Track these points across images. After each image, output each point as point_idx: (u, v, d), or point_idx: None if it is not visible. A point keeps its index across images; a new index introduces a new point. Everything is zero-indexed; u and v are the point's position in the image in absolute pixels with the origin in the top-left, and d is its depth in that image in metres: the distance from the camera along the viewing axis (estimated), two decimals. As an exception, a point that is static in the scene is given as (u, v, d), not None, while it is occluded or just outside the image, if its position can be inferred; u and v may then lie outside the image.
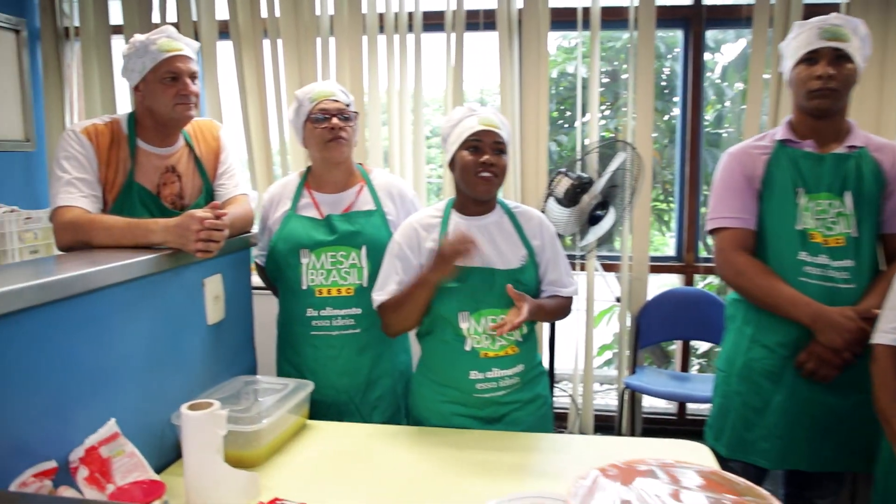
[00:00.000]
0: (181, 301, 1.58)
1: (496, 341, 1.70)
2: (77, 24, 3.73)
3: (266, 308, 2.12)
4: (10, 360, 1.10)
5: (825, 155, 1.77)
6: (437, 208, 1.81)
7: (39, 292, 1.13)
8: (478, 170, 1.68)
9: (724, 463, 1.74)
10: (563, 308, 1.82)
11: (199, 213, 1.53)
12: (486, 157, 1.67)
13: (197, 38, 3.61)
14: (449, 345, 1.71)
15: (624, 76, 5.71)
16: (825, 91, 1.71)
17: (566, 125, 5.84)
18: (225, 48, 3.63)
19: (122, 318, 1.37)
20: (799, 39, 1.77)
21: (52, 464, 1.14)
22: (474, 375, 1.70)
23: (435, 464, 1.53)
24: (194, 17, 3.59)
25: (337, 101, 1.91)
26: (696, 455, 1.56)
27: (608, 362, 5.13)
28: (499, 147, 1.69)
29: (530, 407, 1.78)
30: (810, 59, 1.74)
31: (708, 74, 3.55)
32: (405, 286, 1.71)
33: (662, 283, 3.94)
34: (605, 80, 5.28)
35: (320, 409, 1.91)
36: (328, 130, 1.88)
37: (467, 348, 1.69)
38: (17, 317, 1.10)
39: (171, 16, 3.63)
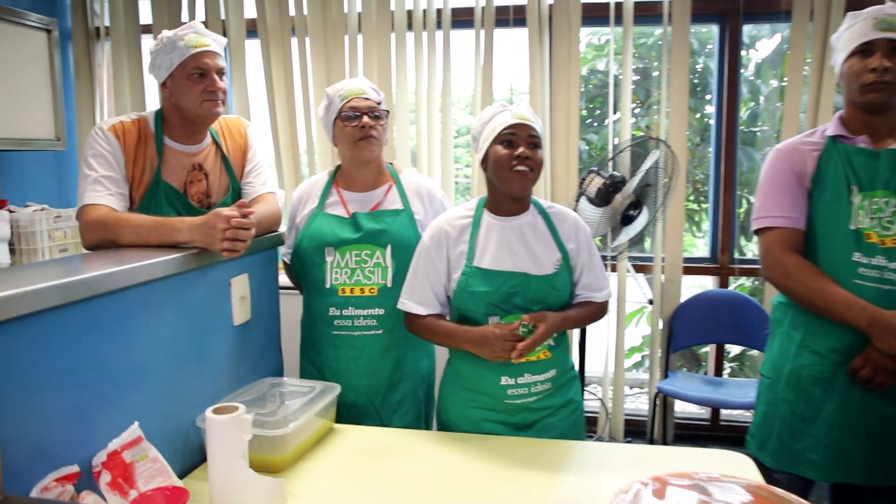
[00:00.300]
0: (207, 301, 1.54)
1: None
2: (107, 23, 3.75)
3: (293, 308, 2.09)
4: (32, 361, 1.07)
5: (880, 151, 1.67)
6: (469, 207, 1.76)
7: (62, 292, 1.11)
8: (513, 163, 1.62)
9: (769, 474, 1.66)
10: (595, 314, 1.76)
11: (226, 211, 1.49)
12: (521, 150, 1.61)
13: (225, 36, 3.60)
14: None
15: (655, 73, 5.62)
16: (880, 84, 1.62)
17: (595, 124, 5.74)
18: (253, 47, 3.62)
19: (147, 319, 1.34)
20: (852, 31, 1.68)
21: (75, 468, 1.11)
22: (505, 381, 1.64)
23: (465, 471, 1.48)
24: (223, 16, 3.58)
25: (368, 98, 1.87)
26: (739, 466, 1.49)
27: (637, 365, 5.03)
28: (534, 141, 1.63)
29: (562, 413, 1.72)
30: (864, 50, 1.65)
31: (741, 71, 3.43)
32: (444, 328, 1.69)
33: (689, 285, 3.83)
34: (636, 78, 5.18)
35: (340, 410, 1.86)
36: (358, 129, 1.85)
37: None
38: (39, 317, 1.07)
39: (200, 14, 3.63)
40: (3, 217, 2.65)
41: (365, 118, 1.85)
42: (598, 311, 1.76)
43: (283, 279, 2.06)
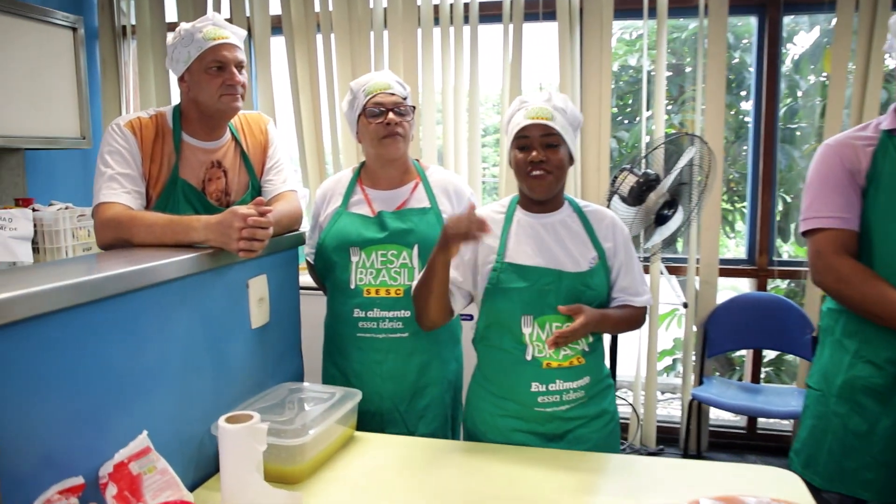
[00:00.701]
0: (223, 303, 1.48)
1: (560, 350, 1.56)
2: (133, 21, 3.74)
3: (316, 309, 2.02)
4: (36, 366, 1.01)
5: None
6: (502, 204, 1.69)
7: (67, 294, 1.05)
8: (529, 169, 1.55)
9: (818, 495, 1.54)
10: (633, 320, 1.66)
11: (243, 209, 1.43)
12: (533, 155, 1.53)
13: (250, 34, 3.57)
14: (508, 353, 1.58)
15: (688, 69, 5.47)
16: None
17: (626, 121, 5.61)
18: (278, 44, 3.58)
19: (159, 322, 1.27)
20: None
21: (80, 480, 1.05)
22: (536, 387, 1.56)
23: (491, 484, 1.39)
24: (248, 13, 3.54)
25: (393, 94, 1.80)
26: (786, 485, 1.39)
27: (668, 369, 4.89)
28: (549, 140, 1.54)
29: (596, 423, 1.63)
30: None
31: (780, 65, 3.29)
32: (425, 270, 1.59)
33: (720, 287, 3.68)
34: (668, 74, 5.04)
35: (363, 416, 1.80)
36: (383, 126, 1.78)
37: (528, 357, 1.55)
38: (43, 320, 1.02)
39: (225, 12, 3.60)
40: (27, 215, 2.63)
41: (390, 115, 1.78)
42: (637, 317, 1.67)
43: (305, 279, 2.00)
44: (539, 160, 1.53)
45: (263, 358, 1.63)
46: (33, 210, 2.79)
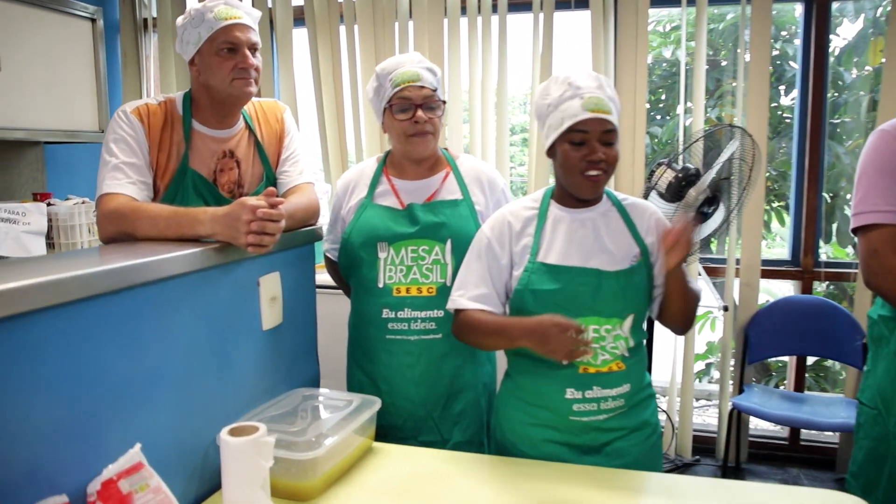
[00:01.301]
0: (231, 302, 1.36)
1: (598, 355, 1.42)
2: (155, 14, 3.67)
3: (335, 309, 1.90)
4: (18, 371, 0.91)
5: None
6: (534, 198, 1.55)
7: (53, 291, 0.94)
8: (585, 168, 1.39)
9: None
10: (696, 303, 1.52)
11: (252, 200, 1.31)
12: (594, 154, 1.38)
13: (272, 25, 3.48)
14: (542, 358, 1.43)
15: (724, 62, 5.27)
16: None
17: (658, 116, 5.42)
18: (300, 35, 3.48)
19: (160, 322, 1.16)
20: None
21: (64, 498, 0.94)
22: (571, 394, 1.42)
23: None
24: (269, 4, 3.45)
25: (423, 86, 1.64)
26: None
27: (701, 374, 4.71)
28: (609, 137, 1.40)
29: (637, 436, 1.48)
30: None
31: (828, 55, 3.10)
32: (492, 321, 1.46)
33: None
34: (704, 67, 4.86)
35: (395, 422, 1.69)
36: (411, 124, 1.65)
37: (564, 362, 1.42)
38: (27, 319, 0.91)
39: (247, 3, 3.50)
40: (41, 210, 2.55)
41: (419, 112, 1.64)
42: (698, 299, 1.52)
43: (323, 278, 1.89)
44: (600, 159, 1.38)
45: (275, 362, 1.52)
46: (49, 204, 2.71)
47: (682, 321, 1.52)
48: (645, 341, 1.52)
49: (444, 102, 1.71)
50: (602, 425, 1.45)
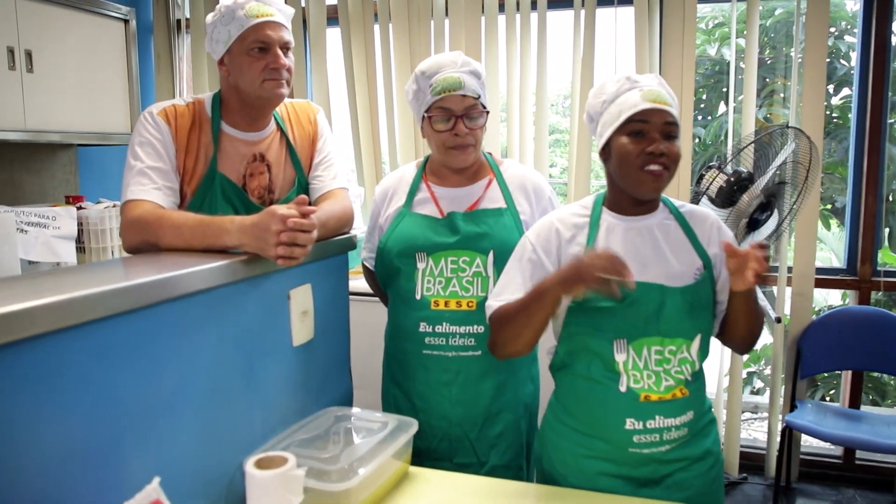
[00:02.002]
0: (259, 318, 1.27)
1: (661, 381, 1.29)
2: (188, 14, 3.63)
3: (373, 319, 1.81)
4: (26, 399, 0.83)
5: None
6: (584, 205, 1.42)
7: (61, 312, 0.85)
8: (645, 162, 1.27)
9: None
10: (761, 318, 1.38)
11: (282, 209, 1.22)
12: (655, 146, 1.26)
13: (305, 25, 3.41)
14: (597, 384, 1.32)
15: (768, 60, 5.07)
16: None
17: (700, 117, 5.24)
18: (333, 35, 3.40)
19: (181, 342, 1.08)
20: None
21: (75, 540, 0.85)
22: (631, 424, 1.29)
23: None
24: (303, 3, 3.38)
25: (465, 95, 1.52)
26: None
27: (745, 382, 4.51)
28: (670, 130, 1.28)
29: (699, 466, 1.35)
30: None
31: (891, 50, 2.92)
32: (518, 300, 1.32)
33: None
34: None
35: (430, 443, 1.59)
36: (451, 136, 1.54)
37: (622, 388, 1.29)
38: (34, 343, 0.83)
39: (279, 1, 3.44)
40: (71, 214, 2.51)
41: (460, 125, 1.53)
42: (763, 317, 1.38)
43: (359, 283, 1.80)
44: (661, 152, 1.26)
45: (306, 380, 1.43)
46: (80, 208, 2.67)
47: (746, 341, 1.39)
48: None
49: (488, 112, 1.59)
50: (663, 457, 1.32)
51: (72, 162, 3.30)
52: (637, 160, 1.27)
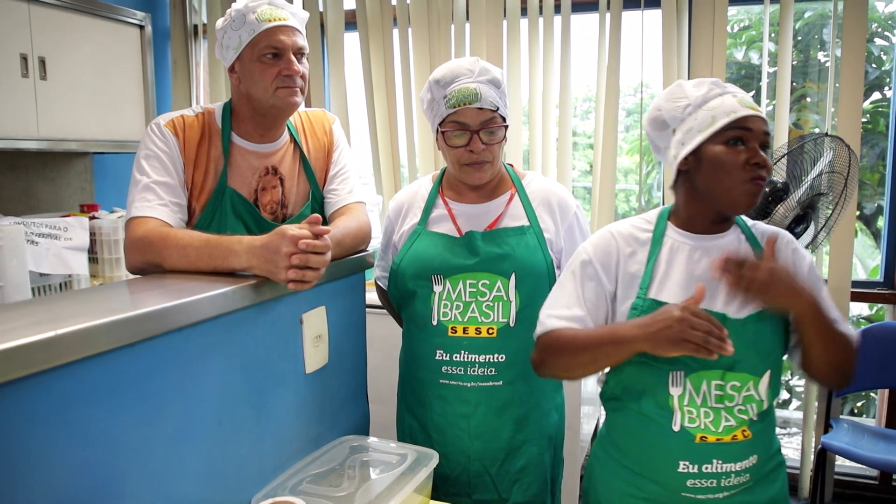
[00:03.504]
0: (270, 344, 1.19)
1: (721, 420, 1.17)
2: (205, 20, 3.58)
3: (389, 330, 1.72)
4: (8, 445, 0.75)
5: None
6: (647, 219, 1.31)
7: (46, 351, 0.77)
8: (749, 173, 1.15)
9: None
10: (850, 346, 1.17)
11: (293, 230, 1.14)
12: (760, 157, 1.15)
13: (323, 30, 3.34)
14: (649, 420, 1.22)
15: (793, 62, 4.93)
16: None
17: (727, 123, 5.10)
18: (351, 40, 3.33)
19: (184, 375, 1.00)
20: None
21: None
22: (685, 467, 1.19)
23: None
24: (321, 8, 3.31)
25: (482, 108, 1.41)
26: None
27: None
28: (768, 141, 1.19)
29: None
30: None
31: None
32: (593, 330, 1.21)
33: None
34: (773, 69, 4.56)
35: (446, 480, 1.49)
36: (466, 152, 1.43)
37: (676, 427, 1.19)
38: (16, 386, 0.75)
39: (298, 7, 3.38)
40: (83, 225, 2.45)
41: (476, 141, 1.42)
42: (854, 348, 1.17)
43: (374, 297, 1.71)
44: (763, 163, 1.16)
45: (320, 408, 1.34)
46: (92, 218, 2.62)
47: (832, 374, 1.20)
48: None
49: (507, 127, 1.47)
50: (722, 503, 1.21)
51: (87, 170, 3.26)
52: (741, 171, 1.15)
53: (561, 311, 1.26)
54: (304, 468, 1.23)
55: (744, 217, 1.29)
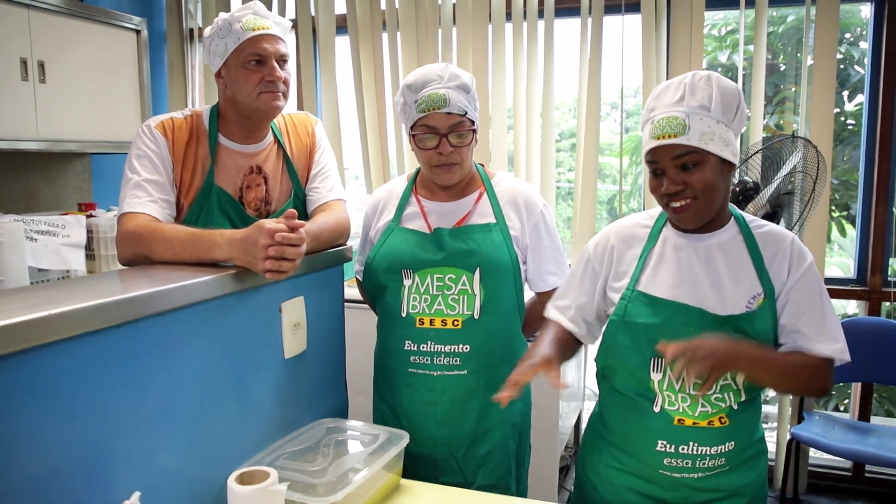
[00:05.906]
0: (250, 331, 1.29)
1: (697, 406, 1.25)
2: (201, 24, 3.67)
3: (372, 325, 1.81)
4: (4, 415, 0.84)
5: None
6: (650, 216, 1.38)
7: (41, 328, 0.87)
8: (665, 202, 1.26)
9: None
10: (809, 373, 1.22)
11: (270, 223, 1.23)
12: (667, 187, 1.23)
13: (315, 34, 3.44)
14: (631, 400, 1.30)
15: (782, 66, 5.01)
16: None
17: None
18: (342, 44, 3.43)
19: (169, 355, 1.09)
20: None
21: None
22: (662, 446, 1.27)
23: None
24: (312, 13, 3.41)
25: (450, 112, 1.48)
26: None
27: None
28: (684, 162, 1.22)
29: (737, 500, 1.30)
30: None
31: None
32: (542, 344, 1.36)
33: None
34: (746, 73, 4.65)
35: (414, 462, 1.57)
36: (436, 154, 1.53)
37: (656, 409, 1.27)
38: (12, 359, 0.84)
39: (290, 12, 3.48)
40: (80, 222, 2.54)
41: (445, 143, 1.50)
42: (816, 371, 1.22)
43: (357, 292, 1.80)
44: (675, 191, 1.23)
45: (298, 392, 1.44)
46: (90, 216, 2.71)
47: (802, 394, 1.31)
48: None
49: (475, 131, 1.54)
50: (696, 484, 1.28)
51: (86, 170, 3.35)
52: (662, 200, 1.25)
53: (558, 301, 1.45)
54: (282, 446, 1.32)
55: (743, 213, 1.33)
